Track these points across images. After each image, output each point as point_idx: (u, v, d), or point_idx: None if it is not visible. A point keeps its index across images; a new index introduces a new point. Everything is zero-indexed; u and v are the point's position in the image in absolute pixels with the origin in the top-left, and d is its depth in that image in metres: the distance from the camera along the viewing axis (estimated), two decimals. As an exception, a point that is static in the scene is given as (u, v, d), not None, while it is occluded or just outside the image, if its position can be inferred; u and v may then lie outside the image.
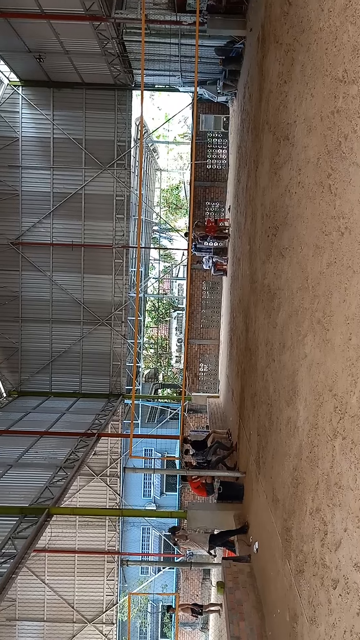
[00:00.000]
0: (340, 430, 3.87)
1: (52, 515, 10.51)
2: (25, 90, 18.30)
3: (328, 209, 4.35)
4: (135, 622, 26.40)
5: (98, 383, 19.97)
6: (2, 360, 19.60)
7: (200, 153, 20.37)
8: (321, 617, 4.18)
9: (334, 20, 4.36)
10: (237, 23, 13.35)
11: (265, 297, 7.66)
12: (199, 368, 21.49)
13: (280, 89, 6.92)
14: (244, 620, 7.16)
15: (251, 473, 8.90)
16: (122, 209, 19.02)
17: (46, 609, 19.25)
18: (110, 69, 16.64)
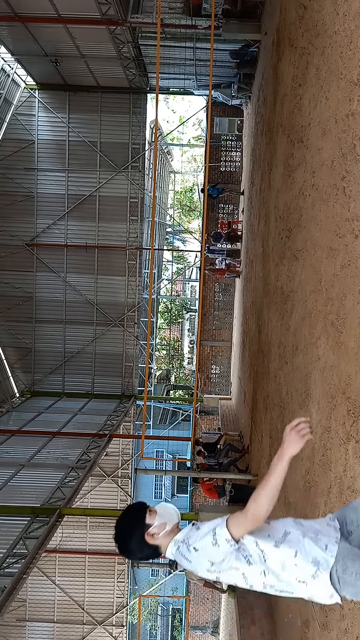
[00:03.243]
0: (354, 434, 3.85)
1: (63, 515, 10.55)
2: (41, 93, 18.50)
3: (342, 211, 4.34)
4: (145, 624, 26.39)
5: (110, 384, 20.04)
6: (15, 361, 19.77)
7: (214, 155, 20.40)
8: (333, 623, 4.16)
9: (349, 23, 4.36)
10: (252, 27, 13.37)
11: (279, 299, 7.65)
12: (211, 370, 21.47)
13: (295, 92, 6.92)
14: (255, 624, 7.14)
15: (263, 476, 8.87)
16: (135, 211, 19.10)
17: (56, 610, 19.31)
18: (125, 72, 16.75)
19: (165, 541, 2.36)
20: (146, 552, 2.38)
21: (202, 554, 2.23)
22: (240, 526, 2.22)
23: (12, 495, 11.60)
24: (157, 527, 2.36)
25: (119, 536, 2.40)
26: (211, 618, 22.49)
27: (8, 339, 19.58)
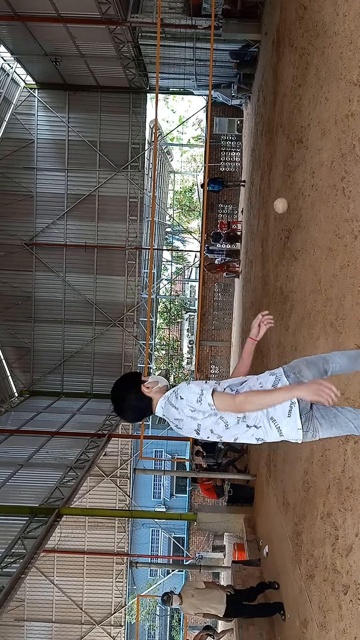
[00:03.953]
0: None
1: (62, 515, 10.54)
2: (41, 93, 18.48)
3: (342, 211, 4.34)
4: (143, 624, 26.39)
5: (109, 384, 19.57)
6: (14, 360, 19.76)
7: (214, 155, 20.40)
8: (331, 623, 4.16)
9: (349, 24, 4.36)
10: (252, 27, 13.37)
11: (278, 300, 7.65)
12: (210, 370, 21.47)
13: (295, 93, 6.92)
14: (254, 624, 7.14)
15: (262, 476, 8.88)
16: (135, 211, 19.10)
17: (54, 609, 19.29)
18: (125, 72, 16.75)
19: (157, 396, 2.71)
20: (141, 405, 2.70)
21: (186, 402, 2.59)
22: (222, 404, 2.58)
23: (10, 495, 11.59)
24: (151, 383, 2.74)
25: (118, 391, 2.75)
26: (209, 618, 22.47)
27: (7, 339, 19.56)
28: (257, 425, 2.61)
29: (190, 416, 2.61)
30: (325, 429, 2.62)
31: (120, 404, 2.76)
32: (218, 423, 2.62)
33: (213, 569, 19.99)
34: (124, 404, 2.75)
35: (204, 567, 18.53)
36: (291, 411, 2.54)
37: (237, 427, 2.62)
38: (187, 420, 2.63)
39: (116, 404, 2.77)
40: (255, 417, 2.60)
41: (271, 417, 2.58)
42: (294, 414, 2.54)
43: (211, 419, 2.61)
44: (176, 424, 2.70)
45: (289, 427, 2.57)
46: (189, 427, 2.67)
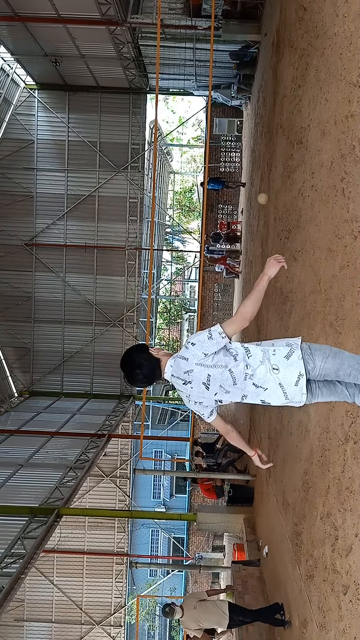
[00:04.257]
0: (352, 435, 3.85)
1: (61, 515, 10.54)
2: (41, 93, 18.49)
3: (341, 212, 4.35)
4: (143, 624, 26.38)
5: (109, 384, 20.03)
6: (14, 361, 19.75)
7: (214, 156, 20.41)
8: (331, 623, 4.16)
9: (349, 25, 4.37)
10: (251, 28, 13.38)
11: (277, 300, 7.66)
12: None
13: (295, 93, 6.93)
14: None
15: (261, 476, 8.88)
16: (135, 211, 19.10)
17: (54, 610, 19.28)
18: (125, 72, 16.75)
19: (165, 358, 2.82)
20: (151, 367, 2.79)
21: (197, 347, 2.69)
22: (231, 324, 2.74)
23: (10, 495, 11.59)
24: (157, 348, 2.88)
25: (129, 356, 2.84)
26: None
27: (7, 339, 19.56)
28: (264, 387, 2.69)
29: (201, 363, 2.68)
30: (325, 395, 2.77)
31: (132, 368, 2.82)
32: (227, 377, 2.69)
33: (213, 569, 20.00)
34: (135, 368, 2.82)
35: (203, 567, 18.55)
36: (299, 381, 2.66)
37: (244, 383, 2.70)
38: (197, 370, 2.70)
39: (127, 369, 2.83)
40: (263, 378, 2.68)
41: (279, 382, 2.67)
42: (301, 384, 2.66)
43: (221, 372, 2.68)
44: (184, 379, 2.75)
45: (295, 392, 2.68)
46: (198, 380, 2.71)
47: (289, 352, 2.69)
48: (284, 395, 2.70)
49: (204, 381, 2.73)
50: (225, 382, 2.72)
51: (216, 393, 2.75)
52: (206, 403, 2.82)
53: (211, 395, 2.76)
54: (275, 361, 2.68)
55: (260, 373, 2.68)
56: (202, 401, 2.80)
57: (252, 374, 2.69)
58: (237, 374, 2.70)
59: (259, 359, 2.70)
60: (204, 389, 2.74)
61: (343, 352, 2.75)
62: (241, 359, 2.71)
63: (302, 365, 2.65)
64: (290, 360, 2.66)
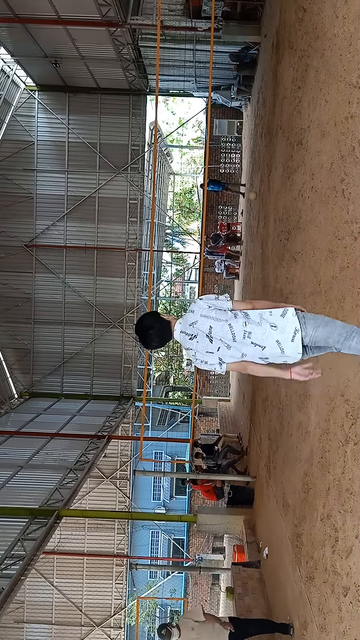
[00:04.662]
0: (352, 436, 3.85)
1: (61, 517, 10.54)
2: (41, 94, 18.51)
3: (341, 213, 4.35)
4: (143, 626, 26.33)
5: (109, 385, 20.03)
6: (14, 362, 19.75)
7: (214, 157, 20.42)
8: (331, 625, 4.15)
9: (349, 26, 4.37)
10: (251, 29, 13.40)
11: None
12: (210, 371, 21.47)
13: (294, 95, 6.94)
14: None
15: (261, 478, 8.87)
16: (135, 212, 19.11)
17: (54, 611, 19.26)
18: (125, 74, 16.77)
19: (174, 321, 3.11)
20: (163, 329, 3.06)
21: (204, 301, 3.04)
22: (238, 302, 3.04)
23: (10, 497, 11.58)
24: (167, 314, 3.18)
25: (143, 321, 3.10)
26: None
27: (7, 340, 19.56)
28: (262, 345, 2.91)
29: (205, 314, 2.97)
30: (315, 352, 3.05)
31: (145, 331, 3.09)
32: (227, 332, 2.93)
33: (213, 570, 19.98)
34: (148, 330, 3.08)
35: (203, 569, 18.53)
36: (295, 337, 2.88)
37: (243, 342, 2.92)
38: (201, 321, 2.97)
39: (141, 332, 3.10)
40: (261, 337, 2.90)
41: (277, 339, 2.89)
42: (297, 340, 2.88)
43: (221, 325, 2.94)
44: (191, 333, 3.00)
45: (291, 348, 2.90)
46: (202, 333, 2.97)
47: (284, 311, 2.94)
48: (281, 352, 2.92)
49: (207, 333, 2.96)
50: (225, 337, 2.94)
51: (219, 348, 2.96)
52: (212, 361, 3.02)
53: (214, 349, 2.97)
54: (272, 320, 2.92)
55: (259, 332, 2.91)
56: (208, 359, 3.01)
57: (250, 331, 2.91)
58: (236, 330, 2.92)
59: (257, 320, 2.94)
60: (207, 342, 2.96)
61: (335, 322, 2.94)
62: (241, 317, 2.97)
63: (297, 322, 2.88)
64: (286, 317, 2.91)
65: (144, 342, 3.13)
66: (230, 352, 2.95)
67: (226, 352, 2.96)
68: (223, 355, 2.97)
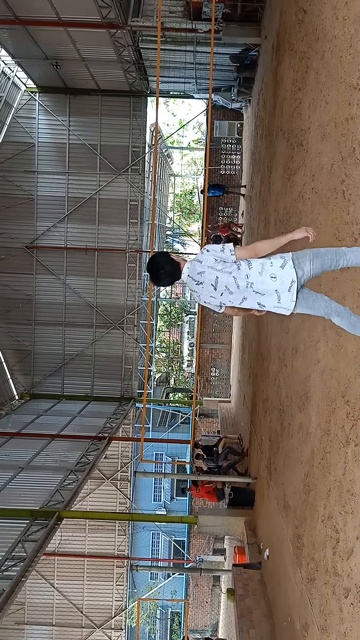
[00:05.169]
0: (353, 437, 3.85)
1: (62, 518, 10.54)
2: (41, 96, 18.54)
3: (342, 214, 4.35)
4: (144, 628, 26.30)
5: (110, 386, 20.03)
6: (15, 363, 19.76)
7: (214, 159, 20.44)
8: (332, 626, 4.15)
9: (349, 28, 4.38)
10: (252, 31, 13.42)
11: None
12: (211, 372, 21.46)
13: (295, 96, 6.94)
14: (254, 628, 7.11)
15: (262, 479, 8.87)
16: (135, 214, 19.13)
17: (55, 613, 19.25)
18: (126, 76, 16.80)
19: (183, 262, 3.35)
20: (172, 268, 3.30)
21: (211, 253, 3.26)
22: (242, 250, 3.26)
23: (11, 498, 11.58)
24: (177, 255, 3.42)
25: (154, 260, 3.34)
26: (210, 621, 22.43)
27: (7, 341, 19.58)
28: (261, 292, 3.19)
29: (212, 266, 3.23)
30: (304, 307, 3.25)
31: (157, 269, 3.32)
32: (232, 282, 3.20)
33: (214, 572, 19.95)
34: (160, 269, 3.32)
35: (204, 570, 18.49)
36: (291, 287, 3.15)
37: (246, 290, 3.19)
38: (208, 272, 3.23)
39: (153, 270, 3.34)
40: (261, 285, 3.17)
41: (275, 289, 3.15)
42: (292, 290, 3.15)
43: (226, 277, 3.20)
44: (197, 280, 3.26)
45: (286, 298, 3.16)
46: (208, 281, 3.24)
47: (283, 262, 3.16)
48: (277, 300, 3.18)
49: (212, 283, 3.24)
50: (230, 285, 3.22)
51: (222, 293, 3.24)
52: (213, 303, 3.34)
53: (217, 295, 3.27)
54: (272, 271, 3.16)
55: (259, 281, 3.17)
56: (210, 302, 3.35)
57: (252, 282, 3.18)
58: (239, 280, 3.19)
59: (258, 270, 3.18)
60: (212, 289, 3.25)
61: (319, 250, 3.23)
62: (244, 269, 3.20)
63: (294, 274, 3.14)
64: (285, 269, 3.15)
65: (155, 280, 3.39)
66: (232, 297, 3.25)
67: (228, 297, 3.26)
68: (224, 300, 3.28)
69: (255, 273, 3.18)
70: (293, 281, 3.14)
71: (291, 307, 3.19)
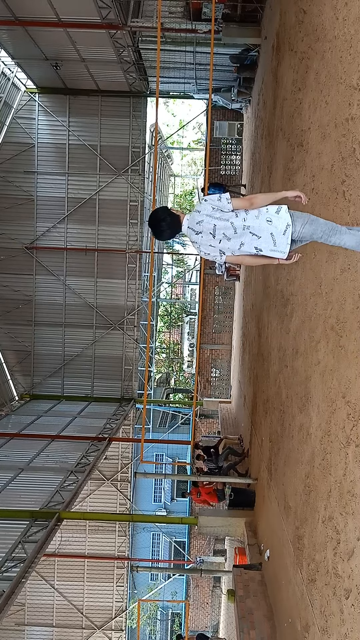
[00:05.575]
0: (354, 438, 3.84)
1: (62, 519, 10.52)
2: (41, 97, 18.54)
3: (342, 215, 4.35)
4: (144, 629, 26.28)
5: (110, 387, 20.02)
6: (15, 364, 19.75)
7: (214, 159, 20.44)
8: (333, 627, 4.14)
9: (349, 28, 4.38)
10: (252, 31, 13.42)
11: (279, 303, 7.65)
12: (211, 373, 21.45)
13: (295, 96, 6.94)
14: (255, 629, 7.10)
15: (263, 480, 8.86)
16: (135, 214, 19.13)
17: (55, 614, 19.24)
18: (125, 76, 16.80)
19: (183, 215, 3.49)
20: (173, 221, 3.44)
21: (208, 202, 3.38)
22: (238, 200, 3.40)
23: (11, 499, 11.57)
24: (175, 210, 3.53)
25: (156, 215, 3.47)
26: (211, 622, 22.41)
27: (7, 342, 19.57)
28: (258, 235, 3.32)
29: (210, 214, 3.36)
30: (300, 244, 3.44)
31: (158, 222, 3.46)
32: (229, 228, 3.34)
33: (214, 573, 19.94)
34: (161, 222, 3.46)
35: (205, 571, 18.48)
36: (286, 231, 3.29)
37: (243, 233, 3.33)
38: (206, 221, 3.36)
39: (154, 224, 3.48)
40: (258, 228, 3.31)
41: (271, 232, 3.29)
42: (287, 234, 3.29)
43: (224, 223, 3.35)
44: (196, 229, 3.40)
45: (282, 241, 3.30)
46: (207, 230, 3.38)
47: (278, 208, 3.32)
48: (273, 243, 3.31)
49: (210, 231, 3.38)
50: (227, 231, 3.35)
51: (220, 240, 3.38)
52: (213, 253, 3.47)
53: (216, 243, 3.41)
54: (268, 215, 3.32)
55: (256, 224, 3.31)
56: (210, 252, 3.47)
57: (249, 225, 3.32)
58: (237, 226, 3.33)
59: (254, 215, 3.34)
60: (211, 237, 3.38)
61: (318, 220, 3.34)
62: (241, 215, 3.34)
63: (289, 218, 3.27)
64: (280, 214, 3.30)
65: (156, 234, 3.51)
66: (229, 243, 3.37)
67: (226, 244, 3.38)
68: (223, 247, 3.40)
69: (252, 217, 3.33)
70: (288, 225, 3.28)
71: (286, 250, 3.33)
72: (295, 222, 3.29)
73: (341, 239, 3.31)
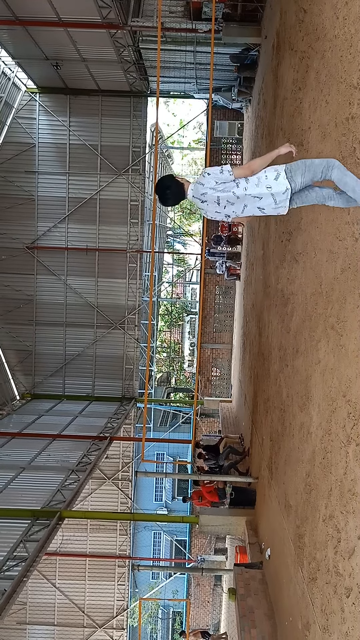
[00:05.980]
0: (354, 437, 3.85)
1: (63, 518, 10.55)
2: (42, 97, 18.55)
3: (342, 214, 4.36)
4: (145, 627, 26.32)
5: (111, 386, 20.04)
6: (16, 364, 19.77)
7: (215, 159, 20.44)
8: (334, 626, 4.15)
9: (349, 27, 4.38)
10: (252, 31, 13.41)
11: (279, 302, 7.66)
12: (212, 372, 21.46)
13: (295, 96, 6.95)
14: (256, 627, 7.12)
15: (263, 479, 8.87)
16: (136, 214, 19.14)
17: (57, 613, 19.27)
18: (126, 76, 16.80)
19: (187, 184, 3.71)
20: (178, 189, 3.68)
21: (211, 177, 3.59)
22: (239, 169, 3.59)
23: (12, 498, 11.59)
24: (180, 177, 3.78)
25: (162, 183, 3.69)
26: (212, 621, 22.44)
27: (9, 342, 19.59)
28: (259, 197, 3.56)
29: (213, 187, 3.58)
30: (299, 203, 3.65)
31: (163, 189, 3.69)
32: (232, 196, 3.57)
33: (215, 571, 19.96)
34: (166, 189, 3.69)
35: (206, 570, 18.52)
36: (285, 192, 3.53)
37: (245, 197, 3.57)
38: (210, 193, 3.59)
39: (160, 191, 3.71)
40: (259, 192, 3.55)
41: (272, 193, 3.53)
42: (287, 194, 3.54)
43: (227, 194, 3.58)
44: (201, 199, 3.63)
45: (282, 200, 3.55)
46: (211, 200, 3.62)
47: (277, 174, 3.54)
48: (275, 202, 3.56)
49: (215, 200, 3.63)
50: (230, 198, 3.60)
51: (225, 207, 3.64)
52: (219, 217, 3.77)
53: (221, 209, 3.67)
54: (267, 182, 3.54)
55: (257, 192, 3.55)
56: (216, 217, 3.75)
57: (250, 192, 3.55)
58: (239, 194, 3.57)
59: (254, 183, 3.55)
60: (215, 205, 3.65)
61: (313, 162, 3.53)
62: (242, 183, 3.56)
63: (287, 182, 3.51)
64: (279, 180, 3.53)
65: (162, 200, 3.73)
66: (234, 207, 3.63)
67: (231, 209, 3.64)
68: (228, 211, 3.66)
69: (253, 185, 3.55)
70: (287, 188, 3.51)
71: (287, 205, 3.58)
72: (294, 177, 3.49)
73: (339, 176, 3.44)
